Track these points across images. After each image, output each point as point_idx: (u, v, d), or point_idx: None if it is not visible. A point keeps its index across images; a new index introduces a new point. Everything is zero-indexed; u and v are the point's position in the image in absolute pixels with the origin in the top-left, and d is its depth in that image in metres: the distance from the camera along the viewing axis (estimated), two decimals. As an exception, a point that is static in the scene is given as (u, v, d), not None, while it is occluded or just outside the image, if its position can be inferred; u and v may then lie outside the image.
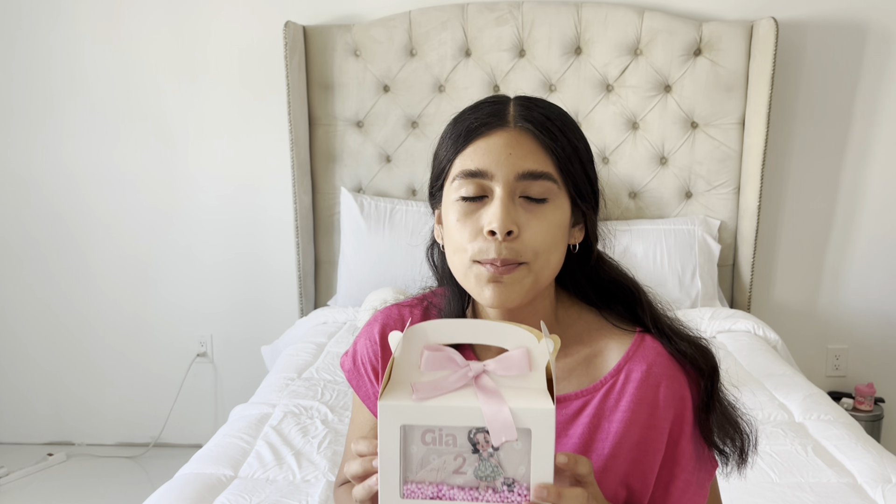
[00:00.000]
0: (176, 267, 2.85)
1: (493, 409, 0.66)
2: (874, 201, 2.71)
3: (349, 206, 2.62)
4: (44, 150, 2.79)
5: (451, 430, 0.67)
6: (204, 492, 1.50)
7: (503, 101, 0.82)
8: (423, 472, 0.68)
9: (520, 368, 0.69)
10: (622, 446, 0.81)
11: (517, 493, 0.68)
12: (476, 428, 0.67)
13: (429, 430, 0.68)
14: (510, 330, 0.69)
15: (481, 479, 0.68)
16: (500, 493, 0.68)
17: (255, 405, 1.95)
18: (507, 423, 0.66)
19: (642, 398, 0.81)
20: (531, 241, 0.77)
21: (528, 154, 0.78)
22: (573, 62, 2.60)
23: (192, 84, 2.73)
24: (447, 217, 0.81)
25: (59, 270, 2.88)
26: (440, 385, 0.68)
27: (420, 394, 0.67)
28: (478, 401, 0.67)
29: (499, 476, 0.68)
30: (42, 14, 2.69)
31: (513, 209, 0.77)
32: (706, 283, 2.52)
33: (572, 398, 0.84)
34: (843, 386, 2.82)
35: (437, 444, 0.68)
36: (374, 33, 2.60)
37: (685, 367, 0.83)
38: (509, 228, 0.76)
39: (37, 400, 2.98)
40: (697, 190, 2.66)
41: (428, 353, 0.69)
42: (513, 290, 0.78)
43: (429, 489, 0.69)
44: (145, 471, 2.79)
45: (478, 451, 0.68)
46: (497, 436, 0.66)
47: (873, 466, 1.56)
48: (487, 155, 0.78)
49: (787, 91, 2.64)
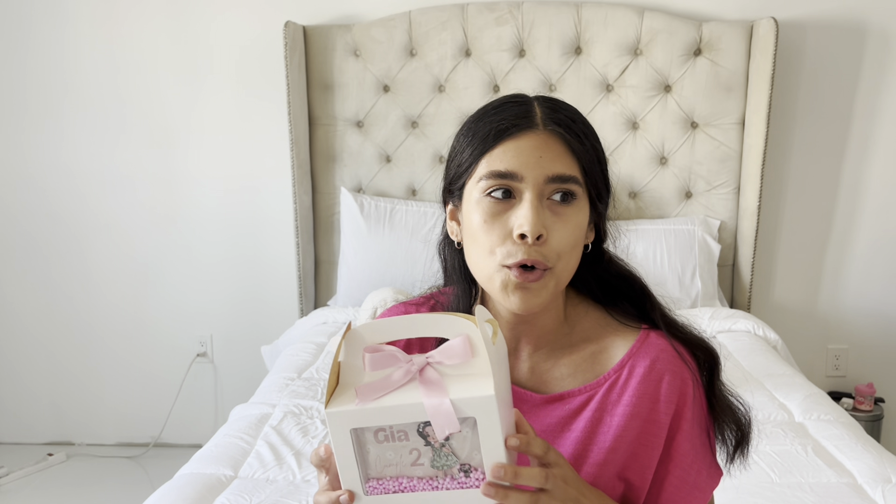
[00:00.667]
0: (176, 267, 2.85)
1: (434, 403, 0.67)
2: (874, 201, 2.71)
3: (349, 206, 2.62)
4: (44, 150, 2.79)
5: (400, 426, 0.69)
6: (204, 492, 1.50)
7: (527, 101, 0.83)
8: (382, 469, 0.70)
9: (462, 356, 0.69)
10: (622, 439, 0.82)
11: (474, 478, 0.69)
12: (423, 422, 0.68)
13: (380, 429, 0.69)
14: (447, 320, 0.70)
15: (438, 469, 0.70)
16: (458, 480, 0.70)
17: (255, 405, 1.95)
18: (449, 416, 0.67)
19: (644, 392, 0.82)
20: (557, 244, 0.78)
21: (557, 157, 0.78)
22: (573, 62, 2.60)
23: (192, 84, 2.73)
24: (470, 217, 0.81)
25: (59, 270, 2.88)
26: (384, 384, 0.69)
27: (364, 396, 0.68)
28: (409, 398, 0.68)
29: (454, 464, 0.69)
30: (42, 14, 2.69)
31: (542, 212, 0.77)
32: (706, 283, 2.52)
33: (576, 394, 0.85)
34: (843, 386, 2.82)
35: (390, 441, 0.69)
36: (374, 33, 2.60)
37: (689, 363, 0.84)
38: (540, 232, 0.76)
39: (37, 400, 2.98)
40: (697, 190, 2.66)
41: (369, 356, 0.70)
42: (538, 295, 0.79)
43: (390, 484, 0.70)
44: (145, 471, 2.79)
45: (430, 444, 0.69)
46: (440, 430, 0.67)
47: (873, 466, 1.56)
48: (517, 156, 0.78)
49: (787, 91, 2.64)
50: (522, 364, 0.88)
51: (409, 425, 0.68)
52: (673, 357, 0.84)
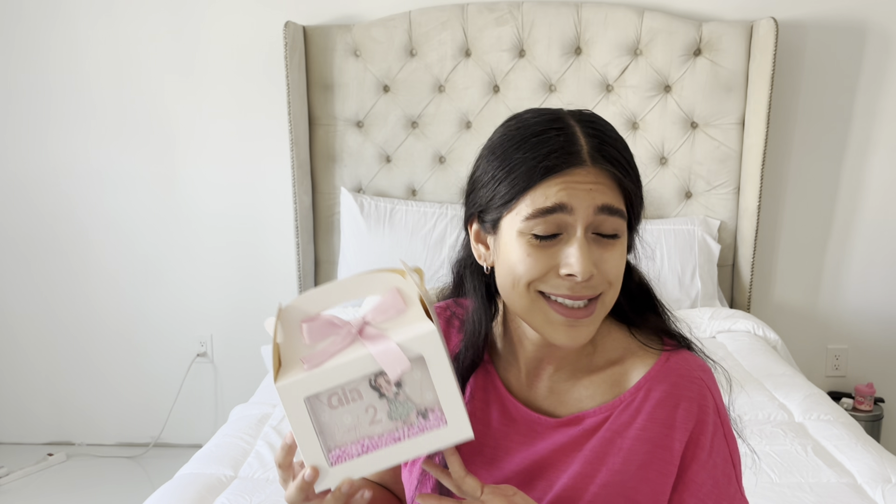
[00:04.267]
0: (176, 267, 2.85)
1: (381, 349, 0.69)
2: (874, 201, 2.71)
3: (349, 206, 2.62)
4: (44, 150, 2.79)
5: (352, 385, 0.69)
6: (204, 492, 1.50)
7: (568, 127, 0.78)
8: (342, 436, 0.71)
9: (396, 308, 0.71)
10: (631, 462, 0.80)
11: (432, 419, 0.71)
12: (374, 374, 0.69)
13: (332, 393, 0.70)
14: (376, 277, 0.71)
15: (397, 420, 0.71)
16: (418, 425, 0.71)
17: (255, 405, 1.95)
18: (398, 357, 0.68)
19: (658, 417, 0.81)
20: (606, 276, 0.77)
21: (606, 190, 0.76)
22: (573, 62, 2.60)
23: (192, 84, 2.73)
24: (509, 248, 0.78)
25: (59, 270, 2.88)
26: (328, 349, 0.70)
27: (311, 363, 0.69)
28: (366, 349, 0.69)
29: (411, 410, 0.71)
30: (42, 14, 2.69)
31: (591, 250, 0.75)
32: (706, 283, 2.52)
33: (590, 415, 0.83)
34: (843, 386, 2.82)
35: (345, 404, 0.70)
36: (374, 33, 2.60)
37: (712, 390, 0.82)
38: (591, 273, 0.75)
39: (37, 400, 2.98)
40: (697, 190, 2.66)
41: (307, 325, 0.71)
42: (587, 329, 0.78)
43: (353, 448, 0.71)
44: (145, 471, 2.79)
45: (384, 395, 0.70)
46: (393, 371, 0.68)
47: (873, 466, 1.56)
48: (565, 190, 0.75)
49: (787, 91, 2.64)
50: (542, 384, 0.86)
51: (361, 381, 0.69)
52: (692, 382, 0.82)
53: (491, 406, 0.87)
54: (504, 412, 0.86)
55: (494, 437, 0.86)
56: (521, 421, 0.85)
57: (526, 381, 0.87)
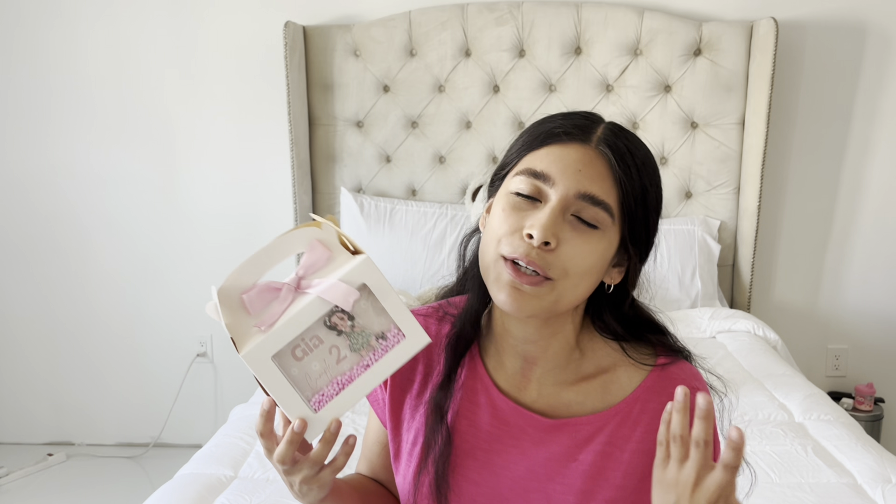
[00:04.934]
0: (176, 267, 2.85)
1: (326, 289, 0.72)
2: (874, 201, 2.71)
3: (349, 206, 2.62)
4: (44, 150, 2.79)
5: (310, 332, 0.74)
6: (204, 492, 1.50)
7: (596, 119, 0.81)
8: (316, 382, 0.74)
9: (324, 258, 0.75)
10: (632, 476, 0.80)
11: (391, 338, 0.76)
12: (327, 315, 0.74)
13: (294, 345, 0.73)
14: (294, 235, 0.75)
15: (360, 350, 0.75)
16: (381, 347, 0.75)
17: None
18: (344, 289, 0.73)
19: (654, 428, 0.80)
20: (565, 258, 0.75)
21: (596, 177, 0.76)
22: (573, 62, 2.60)
23: (192, 84, 2.73)
24: (496, 206, 0.81)
25: (59, 270, 2.88)
26: (275, 310, 0.74)
27: (265, 325, 0.73)
28: (304, 301, 0.73)
29: (370, 337, 0.75)
30: (42, 14, 2.69)
31: (559, 222, 0.75)
32: (706, 283, 2.52)
33: (584, 423, 0.83)
34: (843, 386, 2.82)
35: (309, 352, 0.74)
36: (374, 33, 2.60)
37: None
38: (548, 239, 0.74)
39: (37, 400, 2.98)
40: (697, 190, 2.66)
41: (247, 297, 0.74)
42: (529, 301, 0.76)
43: (330, 389, 0.75)
44: (145, 471, 2.79)
45: (342, 332, 0.74)
46: (345, 301, 0.73)
47: (873, 466, 1.56)
48: (557, 162, 0.77)
49: (787, 91, 2.64)
50: (531, 386, 0.86)
51: (317, 326, 0.73)
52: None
53: (481, 408, 0.86)
54: (495, 413, 0.85)
55: (486, 440, 0.85)
56: (512, 421, 0.85)
57: (516, 383, 0.86)
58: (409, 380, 0.89)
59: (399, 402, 0.90)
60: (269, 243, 0.75)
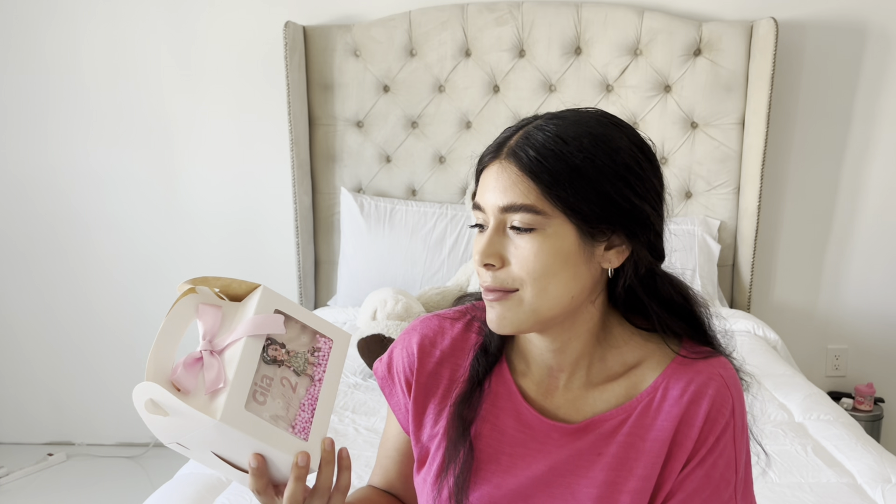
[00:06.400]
0: (176, 267, 2.85)
1: (250, 328, 0.75)
2: (874, 201, 2.71)
3: (349, 206, 2.62)
4: (44, 150, 2.79)
5: (259, 374, 0.75)
6: (204, 492, 1.50)
7: (521, 126, 0.81)
8: (287, 415, 0.76)
9: (217, 316, 0.78)
10: (654, 466, 0.80)
11: (323, 347, 0.79)
12: (262, 351, 0.76)
13: (253, 392, 0.74)
14: (180, 309, 0.79)
15: (304, 371, 0.78)
16: (319, 359, 0.79)
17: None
18: (268, 318, 0.76)
19: (673, 414, 0.80)
20: (517, 268, 0.78)
21: (508, 187, 0.78)
22: (573, 62, 2.60)
23: (192, 84, 2.73)
24: None
25: (59, 270, 2.87)
26: (210, 375, 0.75)
27: (213, 388, 0.74)
28: (239, 348, 0.75)
29: (306, 355, 0.78)
30: (40, 14, 2.69)
31: (497, 241, 0.79)
32: (706, 283, 2.52)
33: (608, 417, 0.83)
34: (843, 386, 2.82)
35: (267, 392, 0.75)
36: (374, 33, 2.60)
37: (733, 391, 0.82)
38: (486, 261, 0.78)
39: (37, 400, 2.98)
40: (697, 190, 2.66)
41: (174, 378, 0.75)
42: (505, 316, 0.79)
43: (303, 415, 0.76)
44: (145, 471, 2.79)
45: (282, 362, 0.77)
46: (277, 327, 0.76)
47: (873, 466, 1.56)
48: (482, 188, 0.81)
49: (787, 91, 2.64)
50: (559, 393, 0.86)
51: (261, 365, 0.75)
52: (710, 379, 0.81)
53: (507, 414, 0.86)
54: (519, 419, 0.86)
55: (510, 445, 0.85)
56: (537, 428, 0.85)
57: (543, 391, 0.86)
58: (434, 384, 0.90)
59: (423, 407, 0.90)
60: (162, 327, 0.77)
